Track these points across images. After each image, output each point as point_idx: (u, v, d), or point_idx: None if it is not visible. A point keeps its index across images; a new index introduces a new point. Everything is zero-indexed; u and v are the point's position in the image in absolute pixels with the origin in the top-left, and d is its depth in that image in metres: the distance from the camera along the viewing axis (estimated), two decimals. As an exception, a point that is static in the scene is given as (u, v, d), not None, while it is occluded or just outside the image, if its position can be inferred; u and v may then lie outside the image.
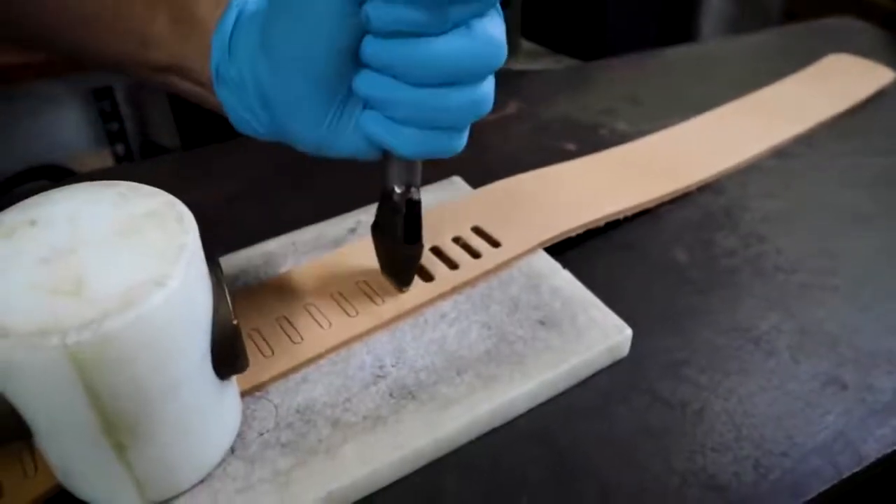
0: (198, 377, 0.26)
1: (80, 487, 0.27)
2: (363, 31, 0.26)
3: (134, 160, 1.49)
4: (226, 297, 0.27)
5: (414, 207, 0.33)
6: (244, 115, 0.30)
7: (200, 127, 1.30)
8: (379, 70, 0.27)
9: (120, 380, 0.23)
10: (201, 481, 0.28)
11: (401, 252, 0.34)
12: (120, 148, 1.47)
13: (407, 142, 0.29)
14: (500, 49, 0.27)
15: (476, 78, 0.27)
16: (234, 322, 0.27)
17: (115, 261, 0.23)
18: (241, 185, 0.49)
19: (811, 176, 0.51)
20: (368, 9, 0.25)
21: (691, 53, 0.73)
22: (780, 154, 0.53)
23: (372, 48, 0.27)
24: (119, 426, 0.24)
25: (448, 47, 0.26)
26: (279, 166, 0.51)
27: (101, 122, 1.45)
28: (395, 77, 0.27)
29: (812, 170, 0.52)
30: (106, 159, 1.44)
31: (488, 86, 0.28)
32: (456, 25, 0.26)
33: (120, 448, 0.24)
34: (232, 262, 0.39)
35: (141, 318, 0.22)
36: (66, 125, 1.44)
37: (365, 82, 0.28)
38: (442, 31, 0.26)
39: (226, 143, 0.53)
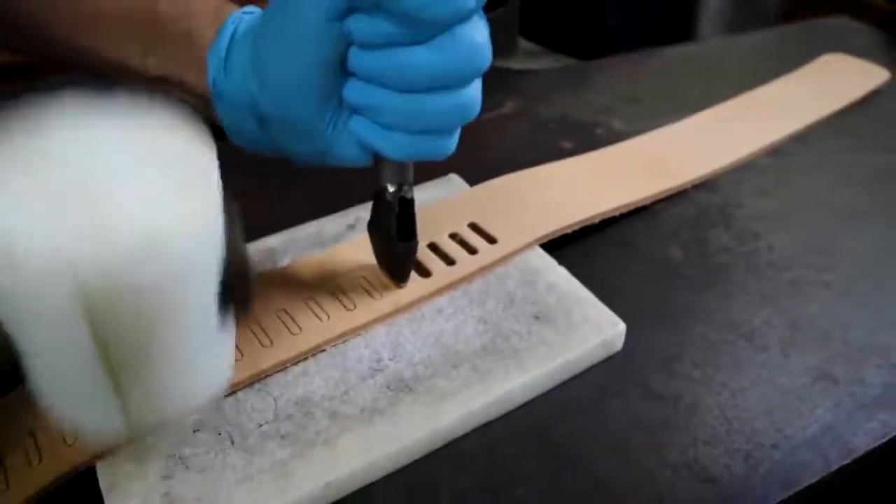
0: (203, 312, 0.26)
1: (64, 412, 0.26)
2: (348, 42, 0.27)
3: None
4: (238, 231, 0.27)
5: (407, 206, 0.33)
6: (241, 130, 0.31)
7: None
8: (366, 79, 0.28)
9: (124, 310, 0.23)
10: (201, 471, 0.29)
11: (396, 249, 0.35)
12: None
13: (396, 146, 0.29)
14: (483, 54, 0.27)
15: (461, 82, 0.28)
16: (246, 256, 0.27)
17: (129, 192, 0.23)
18: (240, 182, 0.49)
19: (805, 174, 0.52)
20: (350, 23, 0.26)
21: (689, 53, 0.73)
22: (775, 152, 0.54)
23: (357, 59, 0.27)
24: (117, 356, 0.24)
25: (430, 55, 0.26)
26: (278, 163, 0.51)
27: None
28: (381, 85, 0.28)
29: (806, 168, 0.52)
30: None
31: (474, 89, 0.28)
32: (438, 33, 0.26)
33: (114, 377, 0.24)
34: (232, 257, 0.40)
35: (152, 248, 0.22)
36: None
37: (353, 91, 0.28)
38: (424, 40, 0.26)
39: (224, 139, 0.53)
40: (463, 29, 0.26)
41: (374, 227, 0.35)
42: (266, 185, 0.50)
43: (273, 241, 0.41)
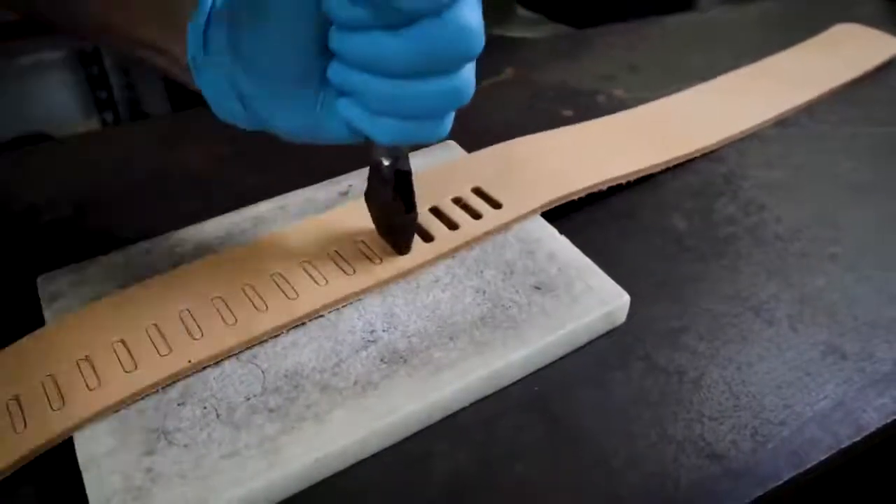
0: None
1: None
2: (329, 21, 0.25)
3: (122, 128, 1.46)
4: None
5: (404, 178, 0.32)
6: (224, 107, 0.29)
7: (193, 96, 1.27)
8: (347, 63, 0.26)
9: None
10: (185, 446, 0.28)
11: (394, 221, 0.33)
12: (108, 116, 1.45)
13: (384, 131, 0.27)
14: (474, 37, 0.25)
15: (451, 67, 0.25)
16: None
17: None
18: (230, 148, 0.48)
19: (812, 145, 0.50)
20: (330, 2, 0.24)
21: (691, 21, 0.71)
22: (781, 123, 0.52)
23: (339, 40, 0.25)
24: None
25: (416, 39, 0.24)
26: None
27: (89, 89, 1.42)
28: (364, 69, 0.25)
29: (813, 139, 0.51)
30: (94, 128, 1.42)
31: (467, 74, 0.26)
32: (424, 15, 0.24)
33: None
34: (220, 224, 0.38)
35: None
36: (53, 93, 1.42)
37: (336, 73, 0.26)
38: (407, 22, 0.24)
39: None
40: (452, 10, 0.24)
41: (370, 198, 0.34)
42: (254, 150, 0.48)
43: (262, 208, 0.39)
